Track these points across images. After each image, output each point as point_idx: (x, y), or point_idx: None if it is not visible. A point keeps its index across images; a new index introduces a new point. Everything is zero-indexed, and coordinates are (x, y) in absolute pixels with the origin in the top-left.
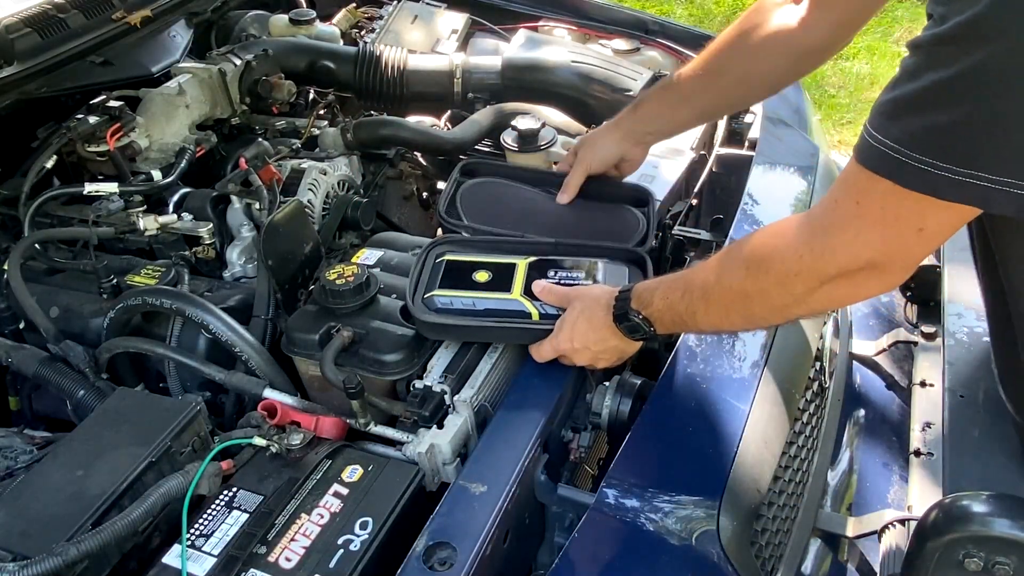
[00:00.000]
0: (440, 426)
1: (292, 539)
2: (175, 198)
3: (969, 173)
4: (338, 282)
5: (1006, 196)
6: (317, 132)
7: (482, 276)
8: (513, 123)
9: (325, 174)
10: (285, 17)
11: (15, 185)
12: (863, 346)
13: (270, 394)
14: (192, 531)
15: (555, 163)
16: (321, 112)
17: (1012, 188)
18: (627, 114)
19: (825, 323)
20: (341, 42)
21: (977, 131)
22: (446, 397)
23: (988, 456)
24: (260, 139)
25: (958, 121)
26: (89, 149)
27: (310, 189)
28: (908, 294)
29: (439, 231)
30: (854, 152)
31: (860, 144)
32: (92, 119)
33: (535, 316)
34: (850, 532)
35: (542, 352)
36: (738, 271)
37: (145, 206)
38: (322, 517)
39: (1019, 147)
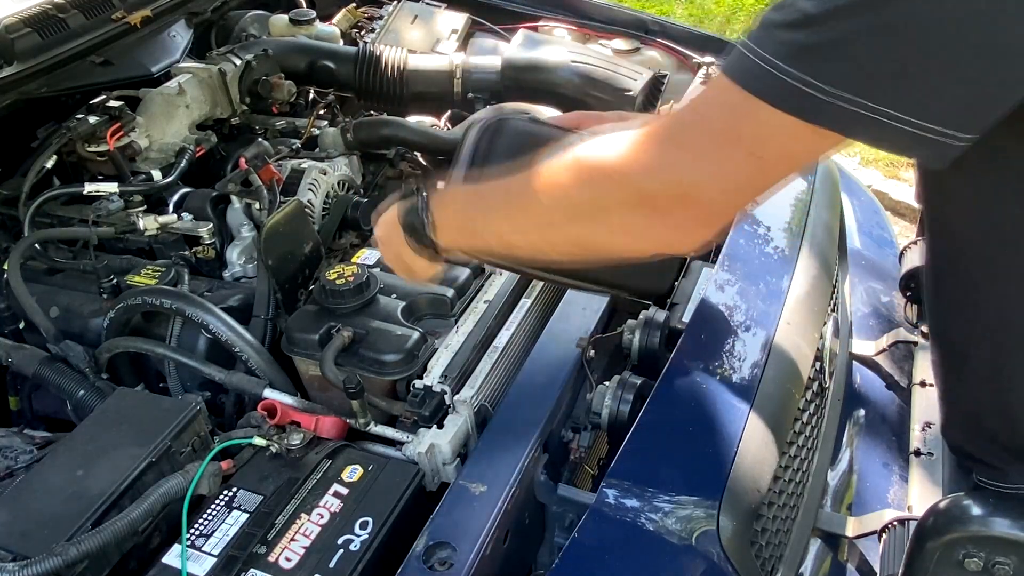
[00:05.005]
0: (440, 426)
1: (292, 539)
2: (175, 198)
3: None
4: (338, 282)
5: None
6: (317, 132)
7: None
8: None
9: (325, 174)
10: (285, 17)
11: (15, 185)
12: (863, 346)
13: (270, 394)
14: (192, 531)
15: None
16: (321, 112)
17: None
18: None
19: (825, 323)
20: (341, 42)
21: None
22: (446, 397)
23: None
24: (260, 139)
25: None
26: (89, 149)
27: (310, 189)
28: (908, 294)
29: None
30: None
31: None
32: (92, 119)
33: None
34: (850, 532)
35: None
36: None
37: (145, 206)
38: (322, 517)
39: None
